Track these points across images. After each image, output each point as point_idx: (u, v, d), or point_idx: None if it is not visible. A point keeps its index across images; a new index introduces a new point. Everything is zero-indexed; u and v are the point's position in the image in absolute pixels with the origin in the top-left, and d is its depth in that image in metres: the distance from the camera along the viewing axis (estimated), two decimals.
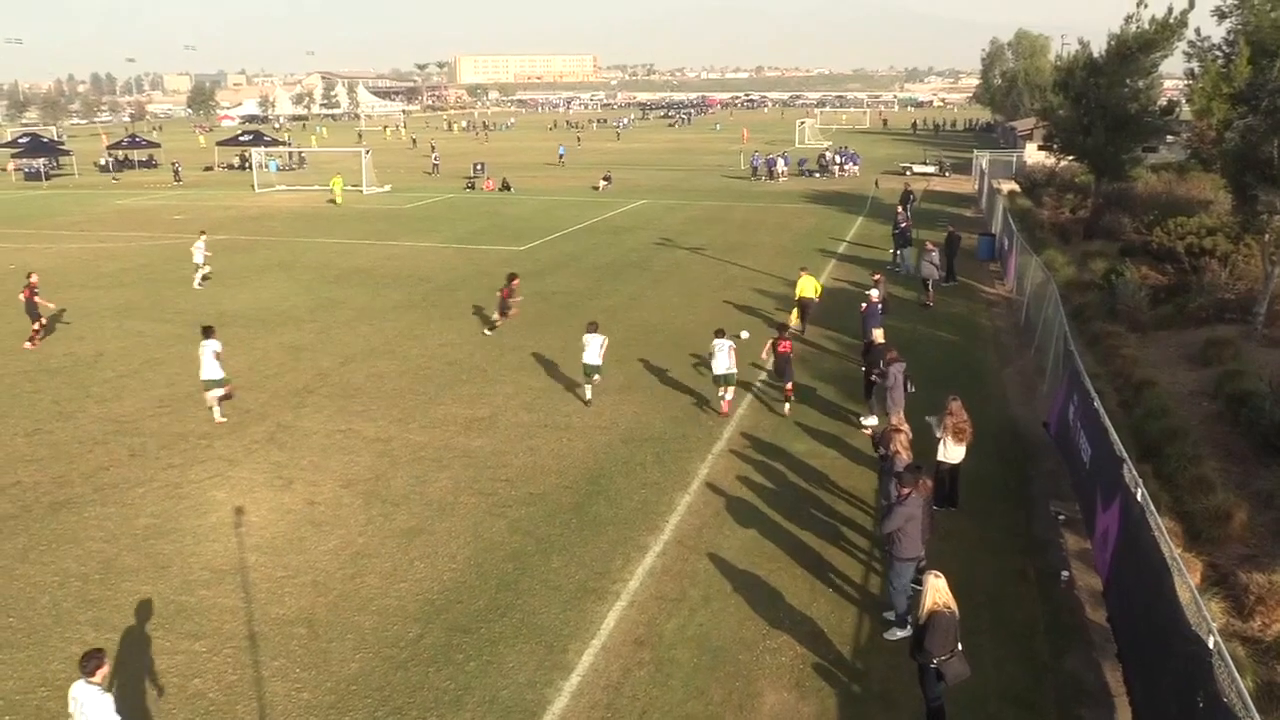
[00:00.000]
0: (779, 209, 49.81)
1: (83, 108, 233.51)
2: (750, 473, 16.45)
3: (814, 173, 67.67)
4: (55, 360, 23.66)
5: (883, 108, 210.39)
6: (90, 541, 14.25)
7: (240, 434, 18.48)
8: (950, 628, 9.49)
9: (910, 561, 11.61)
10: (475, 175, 66.36)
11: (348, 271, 34.35)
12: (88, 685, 8.71)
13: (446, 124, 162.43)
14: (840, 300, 28.43)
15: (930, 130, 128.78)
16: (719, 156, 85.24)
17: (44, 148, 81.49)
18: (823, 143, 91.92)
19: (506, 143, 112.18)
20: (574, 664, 11.11)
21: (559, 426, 18.61)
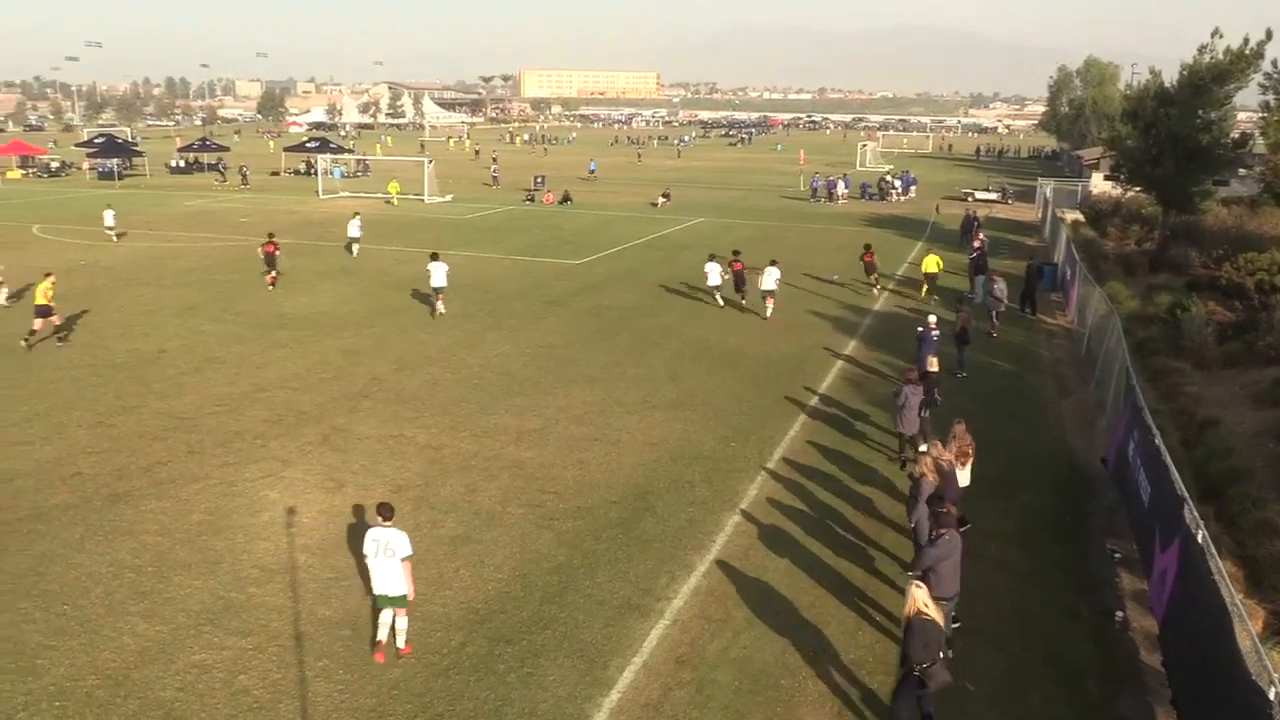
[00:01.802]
0: (837, 231, 49.52)
1: (157, 111, 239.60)
2: (799, 496, 16.31)
3: (874, 196, 67.20)
4: (119, 356, 24.20)
5: (946, 132, 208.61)
6: (145, 534, 14.52)
7: (295, 435, 18.74)
8: (931, 633, 9.58)
9: (944, 601, 11.38)
10: (535, 188, 66.84)
11: (406, 279, 34.74)
12: (386, 528, 11.36)
13: (509, 137, 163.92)
14: (897, 325, 28.18)
15: (993, 156, 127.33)
16: (778, 177, 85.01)
17: (118, 148, 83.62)
18: (883, 166, 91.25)
19: (567, 157, 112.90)
20: (614, 680, 11.06)
21: (609, 441, 18.61)
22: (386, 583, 11.31)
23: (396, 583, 11.29)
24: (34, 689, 10.75)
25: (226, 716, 10.34)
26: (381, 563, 11.27)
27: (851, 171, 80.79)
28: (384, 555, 11.27)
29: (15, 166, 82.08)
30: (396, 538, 11.28)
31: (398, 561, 11.25)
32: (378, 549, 11.30)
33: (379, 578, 11.34)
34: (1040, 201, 58.49)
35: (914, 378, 17.73)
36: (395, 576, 11.26)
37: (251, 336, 26.27)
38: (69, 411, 20.00)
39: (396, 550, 11.24)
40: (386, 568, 11.27)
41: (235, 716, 10.35)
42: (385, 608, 11.51)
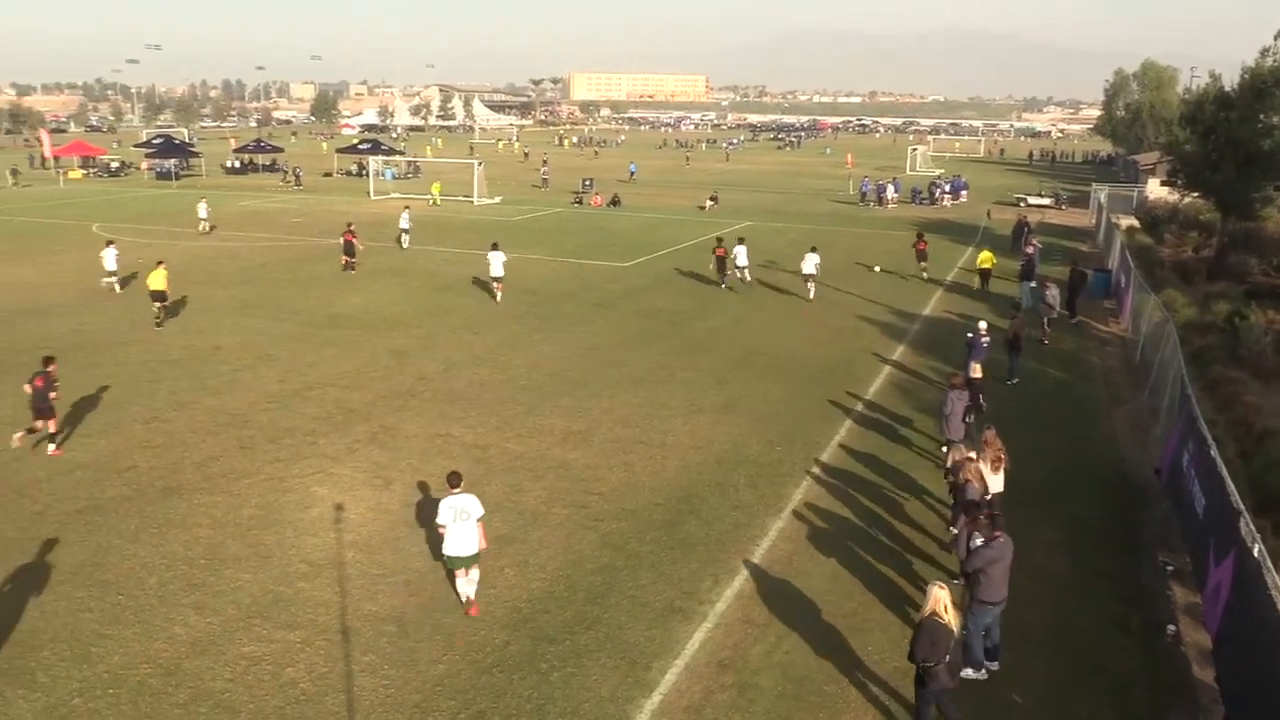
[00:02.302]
0: (886, 235, 49.14)
1: (214, 112, 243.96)
2: (845, 502, 16.21)
3: (924, 200, 66.58)
4: (175, 352, 24.68)
5: (998, 137, 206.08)
6: (198, 528, 14.79)
7: (344, 433, 18.98)
8: (939, 636, 9.64)
9: (992, 605, 11.25)
10: (584, 190, 67.10)
11: (455, 280, 35.06)
12: (459, 494, 12.44)
13: (558, 139, 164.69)
14: (946, 331, 27.91)
15: (1046, 161, 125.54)
16: (827, 181, 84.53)
17: (176, 149, 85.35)
18: (934, 170, 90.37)
19: (616, 159, 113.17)
20: (656, 682, 11.07)
21: (654, 444, 18.63)
22: (463, 544, 12.31)
23: (472, 543, 12.35)
24: (89, 676, 11.01)
25: (275, 708, 10.51)
26: (459, 526, 12.29)
27: (902, 176, 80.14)
28: (461, 519, 12.31)
29: (77, 166, 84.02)
30: (470, 501, 12.44)
31: (473, 523, 12.36)
32: (455, 514, 12.31)
33: (455, 540, 12.30)
34: (1094, 207, 57.60)
35: (959, 383, 17.54)
36: (471, 537, 12.33)
37: (303, 335, 26.66)
38: (126, 406, 20.44)
39: (471, 513, 12.38)
40: (463, 530, 12.30)
41: (283, 709, 10.51)
42: (458, 568, 12.48)
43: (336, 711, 10.50)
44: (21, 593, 12.80)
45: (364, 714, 10.47)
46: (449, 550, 12.37)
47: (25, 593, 12.80)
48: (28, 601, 12.58)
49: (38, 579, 13.15)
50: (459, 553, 12.33)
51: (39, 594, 12.78)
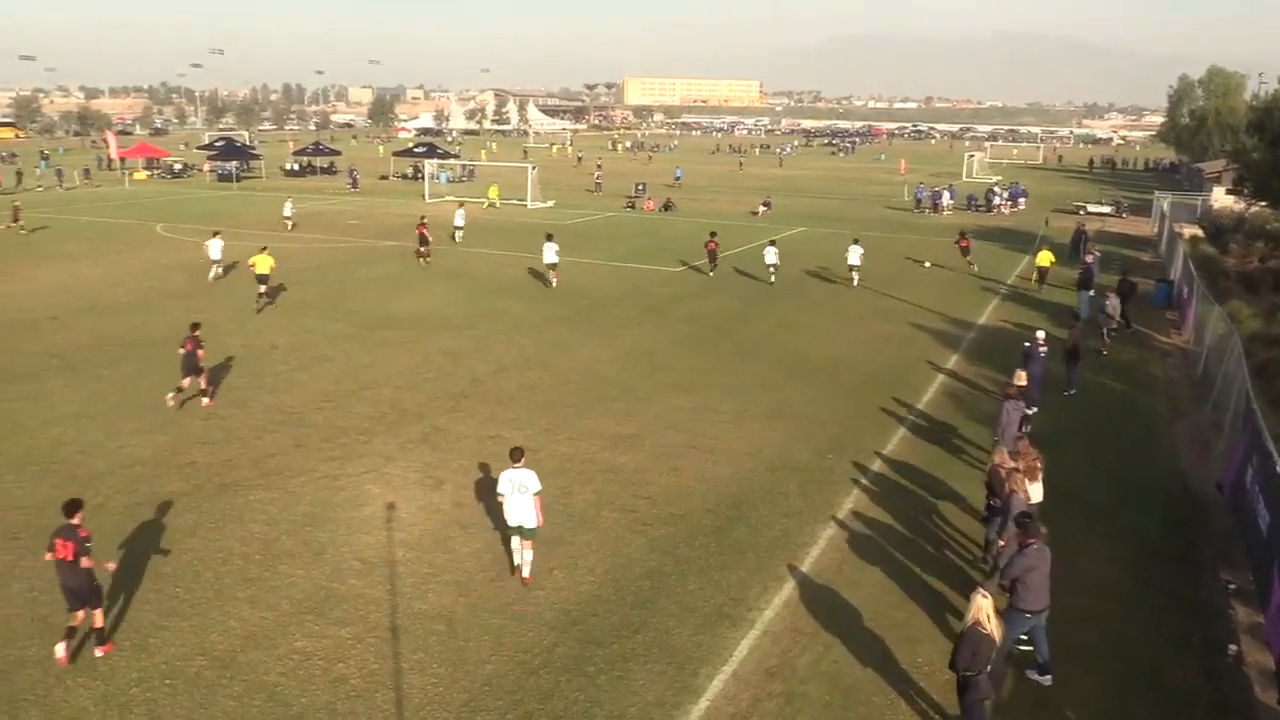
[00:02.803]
0: (941, 243, 48.56)
1: (274, 115, 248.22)
2: (896, 511, 16.04)
3: (980, 207, 65.75)
4: (234, 350, 25.13)
5: (1058, 143, 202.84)
6: (253, 523, 15.04)
7: (397, 433, 19.19)
8: (980, 646, 9.57)
9: (1029, 614, 11.07)
10: (636, 195, 67.21)
11: (508, 283, 35.30)
12: (519, 469, 13.24)
13: (611, 144, 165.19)
14: (1002, 340, 27.53)
15: (1107, 168, 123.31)
16: (881, 187, 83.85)
17: (236, 151, 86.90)
18: (991, 177, 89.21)
19: (669, 164, 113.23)
20: (704, 688, 11.04)
21: (704, 449, 18.59)
22: (520, 516, 13.16)
23: (529, 515, 13.13)
24: (146, 667, 11.24)
25: (325, 704, 10.64)
26: (516, 499, 13.13)
27: (958, 182, 79.22)
28: (518, 492, 13.13)
29: (141, 168, 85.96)
30: (528, 476, 13.22)
31: (530, 496, 13.11)
32: (513, 487, 13.16)
33: (513, 512, 13.18)
34: (1156, 215, 56.45)
35: (1013, 392, 17.24)
36: (528, 509, 13.12)
37: (358, 335, 27.01)
38: (185, 402, 20.83)
39: (529, 486, 13.14)
40: (520, 503, 13.12)
41: (334, 704, 10.64)
42: (517, 539, 13.34)
43: (385, 708, 10.60)
44: None
45: (413, 711, 10.56)
46: (510, 520, 13.29)
47: None
48: None
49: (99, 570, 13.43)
50: (519, 523, 13.22)
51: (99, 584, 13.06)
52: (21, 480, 16.55)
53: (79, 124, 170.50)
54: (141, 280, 34.99)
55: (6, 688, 10.78)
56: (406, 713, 10.53)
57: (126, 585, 13.04)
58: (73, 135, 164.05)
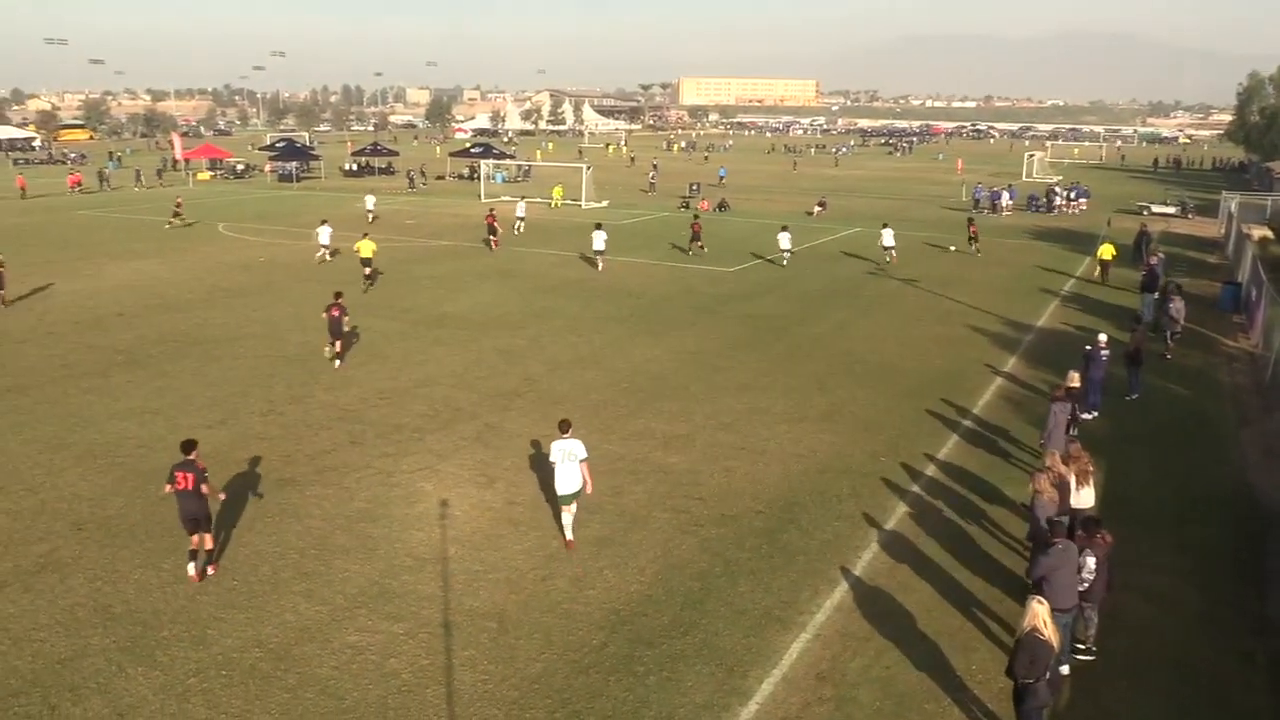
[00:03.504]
0: (1000, 243, 47.86)
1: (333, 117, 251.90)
2: (949, 517, 15.83)
3: (1041, 207, 64.62)
4: (291, 348, 25.53)
5: (1120, 142, 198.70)
6: (309, 518, 15.27)
7: (450, 431, 19.36)
8: (1038, 652, 9.45)
9: (1059, 612, 10.85)
10: (690, 195, 67.07)
11: (561, 282, 35.44)
12: (567, 439, 14.27)
13: (666, 144, 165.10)
14: (1062, 343, 27.04)
15: (1172, 168, 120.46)
16: (939, 187, 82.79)
17: (297, 152, 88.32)
18: (1052, 176, 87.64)
19: (723, 164, 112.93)
20: (753, 691, 10.98)
21: (756, 450, 18.50)
22: (569, 482, 14.22)
23: (576, 481, 14.24)
24: (204, 658, 11.45)
25: (377, 698, 10.76)
26: (566, 466, 14.18)
27: (1018, 182, 77.97)
28: (568, 460, 14.17)
29: (205, 168, 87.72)
30: (576, 445, 14.30)
31: (577, 464, 14.20)
32: (563, 455, 14.19)
33: (563, 479, 14.21)
34: (1224, 216, 55.04)
35: (1061, 394, 16.98)
36: (575, 477, 14.22)
37: (413, 333, 27.30)
38: (245, 398, 21.23)
39: (576, 454, 14.23)
40: (569, 470, 14.19)
41: (385, 698, 10.75)
42: (565, 504, 14.32)
43: (436, 704, 10.69)
44: (145, 574, 13.41)
45: (463, 707, 10.64)
46: (559, 488, 14.27)
47: (148, 574, 13.40)
48: (150, 583, 13.17)
49: (160, 562, 13.76)
50: (565, 490, 14.23)
51: (160, 576, 13.37)
52: (88, 473, 16.98)
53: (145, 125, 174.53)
54: (204, 278, 35.71)
55: (70, 675, 11.06)
56: (457, 709, 10.62)
57: (185, 577, 13.30)
58: (139, 137, 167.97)
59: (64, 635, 11.89)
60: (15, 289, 33.37)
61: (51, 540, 14.41)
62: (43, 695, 10.69)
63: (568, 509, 14.44)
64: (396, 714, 10.50)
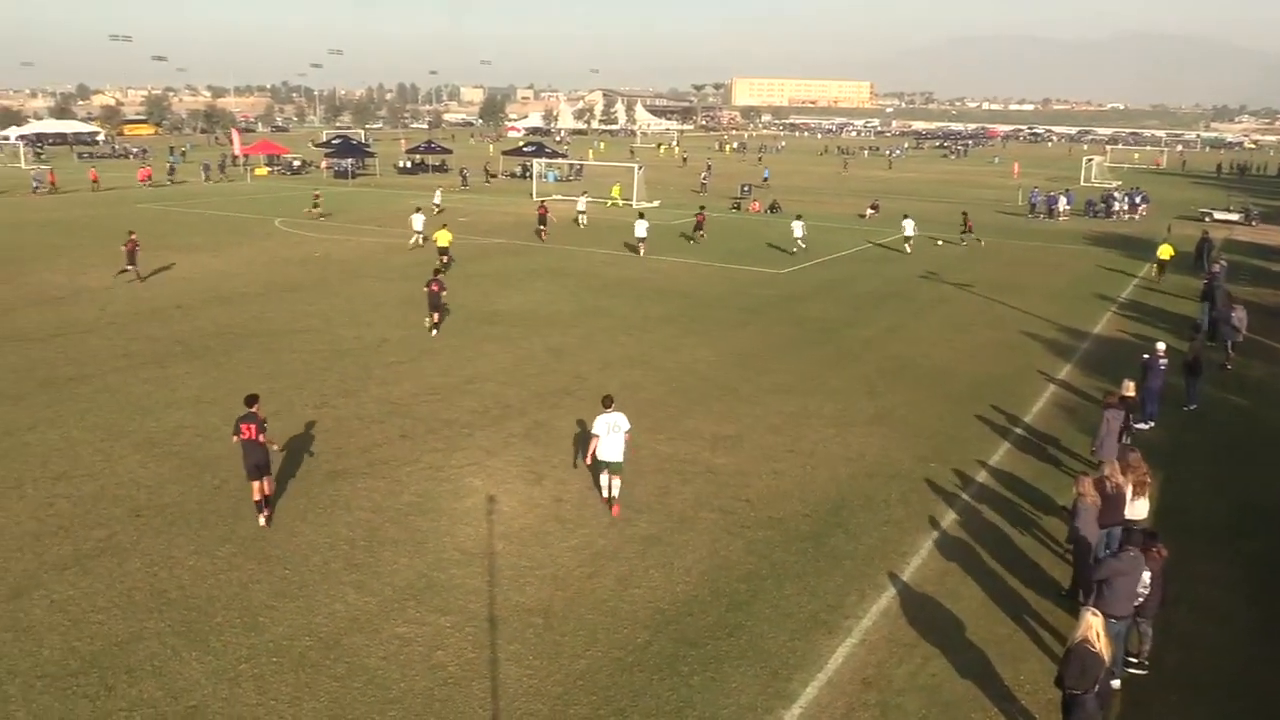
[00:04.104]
0: (1056, 249, 47.20)
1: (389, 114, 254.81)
2: (999, 524, 15.63)
3: (1099, 213, 63.55)
4: (345, 343, 25.88)
5: (1182, 147, 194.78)
6: (360, 510, 15.46)
7: (500, 427, 19.50)
8: (1089, 664, 9.28)
9: (1112, 619, 10.66)
10: (742, 196, 66.89)
11: (612, 282, 35.53)
12: (612, 412, 15.48)
13: (718, 144, 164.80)
14: (1120, 351, 26.58)
15: (1236, 174, 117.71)
16: (994, 191, 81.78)
17: (352, 149, 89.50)
18: (1111, 181, 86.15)
19: (775, 165, 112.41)
20: (797, 694, 10.93)
21: (804, 453, 18.41)
22: (613, 452, 15.36)
23: (619, 452, 15.39)
24: (255, 644, 11.65)
25: (423, 689, 10.87)
26: (611, 438, 15.31)
27: (1075, 187, 76.74)
28: (613, 432, 15.31)
29: (263, 164, 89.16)
30: (621, 418, 15.50)
31: (621, 435, 15.37)
32: (608, 428, 15.32)
33: (607, 449, 15.34)
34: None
35: (1113, 401, 16.71)
36: (619, 447, 15.36)
37: (464, 330, 27.53)
38: (299, 391, 21.56)
39: (621, 427, 15.41)
40: (614, 441, 15.33)
41: (431, 690, 10.86)
42: (606, 472, 15.55)
43: (481, 697, 10.78)
44: (200, 561, 13.67)
45: (508, 702, 10.72)
46: (603, 456, 15.41)
47: (203, 561, 13.67)
48: (205, 569, 13.43)
49: (214, 549, 14.02)
50: (610, 459, 15.39)
51: (214, 563, 13.62)
52: (146, 460, 17.35)
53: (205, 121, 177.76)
54: (260, 272, 36.32)
55: (126, 658, 11.31)
56: (502, 703, 10.70)
57: (240, 565, 13.55)
58: (199, 132, 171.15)
59: (121, 618, 12.17)
60: (82, 280, 34.25)
61: (110, 525, 14.76)
62: (100, 676, 10.95)
63: (615, 476, 15.54)
64: (442, 706, 10.60)
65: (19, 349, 24.79)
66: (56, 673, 11.00)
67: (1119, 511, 13.42)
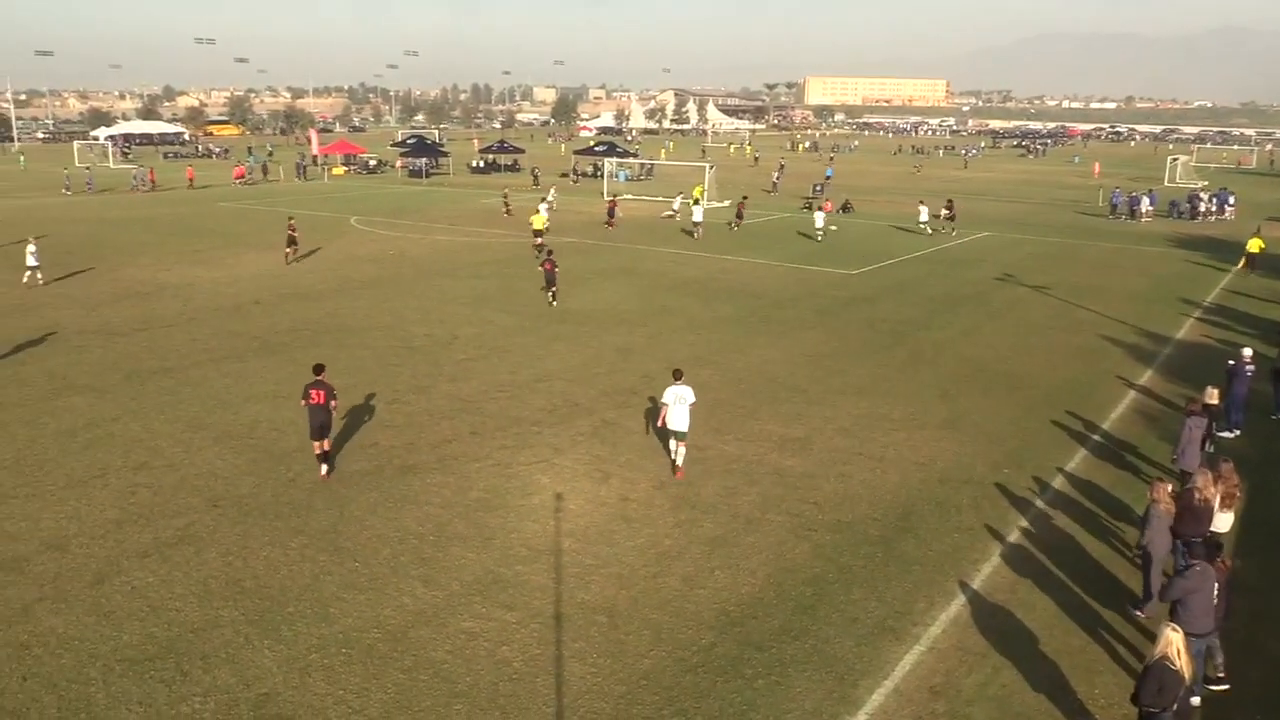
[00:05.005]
0: (1138, 251, 45.95)
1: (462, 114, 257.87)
2: (1075, 533, 15.24)
3: (1184, 214, 61.69)
4: (417, 340, 26.24)
5: (1272, 146, 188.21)
6: (429, 505, 15.65)
7: (568, 425, 19.59)
8: (1168, 681, 8.99)
9: (1194, 637, 10.30)
10: (814, 196, 66.29)
11: (682, 281, 35.49)
12: (681, 385, 16.87)
13: (790, 144, 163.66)
14: (1203, 357, 25.77)
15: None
16: (1074, 191, 79.92)
17: (426, 149, 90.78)
18: (1197, 182, 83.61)
19: (848, 165, 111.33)
20: (863, 700, 10.78)
21: (874, 456, 18.17)
22: (679, 421, 16.77)
23: (685, 421, 16.79)
24: (325, 634, 11.86)
25: (488, 684, 10.96)
26: (678, 408, 16.72)
27: (1159, 187, 74.64)
28: (680, 403, 16.71)
29: (340, 163, 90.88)
30: (687, 390, 16.88)
31: (687, 406, 16.75)
32: (675, 398, 16.74)
33: (675, 418, 16.76)
34: None
35: (1197, 408, 16.17)
36: (685, 417, 16.77)
37: (534, 329, 27.73)
38: (372, 386, 21.91)
39: (687, 398, 16.80)
40: (681, 412, 16.73)
41: (496, 685, 10.94)
42: (674, 440, 17.03)
43: (545, 694, 10.83)
44: (273, 552, 13.96)
45: (572, 699, 10.75)
46: (671, 425, 16.81)
47: (276, 552, 13.95)
48: (278, 560, 13.71)
49: (287, 541, 14.31)
50: (677, 427, 16.80)
51: (287, 554, 13.90)
52: (224, 453, 17.79)
53: (285, 122, 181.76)
54: (335, 269, 37.01)
55: (202, 644, 11.59)
56: (565, 700, 10.73)
57: (311, 556, 13.81)
58: (279, 133, 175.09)
59: (197, 605, 12.48)
60: (164, 276, 35.26)
61: (189, 515, 15.15)
62: (176, 662, 11.24)
63: (681, 443, 16.98)
64: (507, 701, 10.67)
65: (107, 342, 25.62)
66: (135, 657, 11.33)
67: (1204, 523, 12.99)
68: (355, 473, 16.90)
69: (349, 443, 18.34)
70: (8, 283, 33.61)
